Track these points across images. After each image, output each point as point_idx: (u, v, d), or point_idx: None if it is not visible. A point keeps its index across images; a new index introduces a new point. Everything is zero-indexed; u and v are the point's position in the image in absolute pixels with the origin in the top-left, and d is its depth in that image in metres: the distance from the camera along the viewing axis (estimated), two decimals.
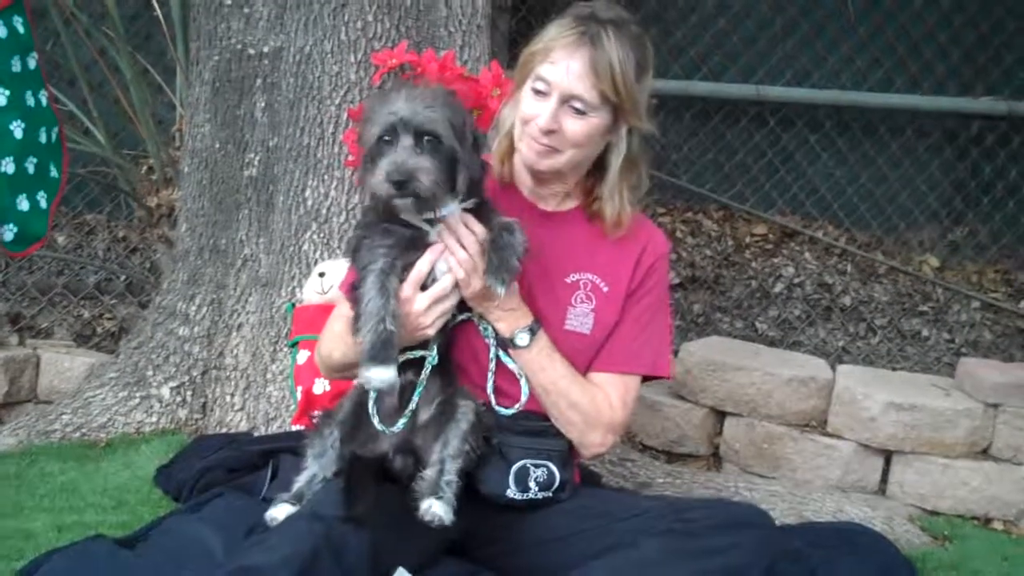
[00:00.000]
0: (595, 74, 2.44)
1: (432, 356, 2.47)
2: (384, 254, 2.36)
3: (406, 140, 2.28)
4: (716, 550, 2.30)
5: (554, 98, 2.46)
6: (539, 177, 2.60)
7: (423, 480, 2.40)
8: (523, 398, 2.53)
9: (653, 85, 2.65)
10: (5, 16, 3.32)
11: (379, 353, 2.29)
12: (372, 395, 2.44)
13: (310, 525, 2.21)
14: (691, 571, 2.27)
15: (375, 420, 2.44)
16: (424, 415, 2.49)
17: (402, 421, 2.44)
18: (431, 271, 2.41)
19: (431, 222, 2.40)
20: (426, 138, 2.30)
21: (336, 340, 2.57)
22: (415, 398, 2.45)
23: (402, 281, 2.39)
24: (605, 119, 2.51)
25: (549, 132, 2.47)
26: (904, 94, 5.60)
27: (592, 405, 2.55)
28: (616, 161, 2.59)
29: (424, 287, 2.42)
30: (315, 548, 2.14)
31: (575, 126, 2.48)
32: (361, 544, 2.23)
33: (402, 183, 2.25)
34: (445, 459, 2.42)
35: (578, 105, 2.46)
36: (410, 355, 2.47)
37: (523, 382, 2.53)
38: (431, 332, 2.44)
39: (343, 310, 2.55)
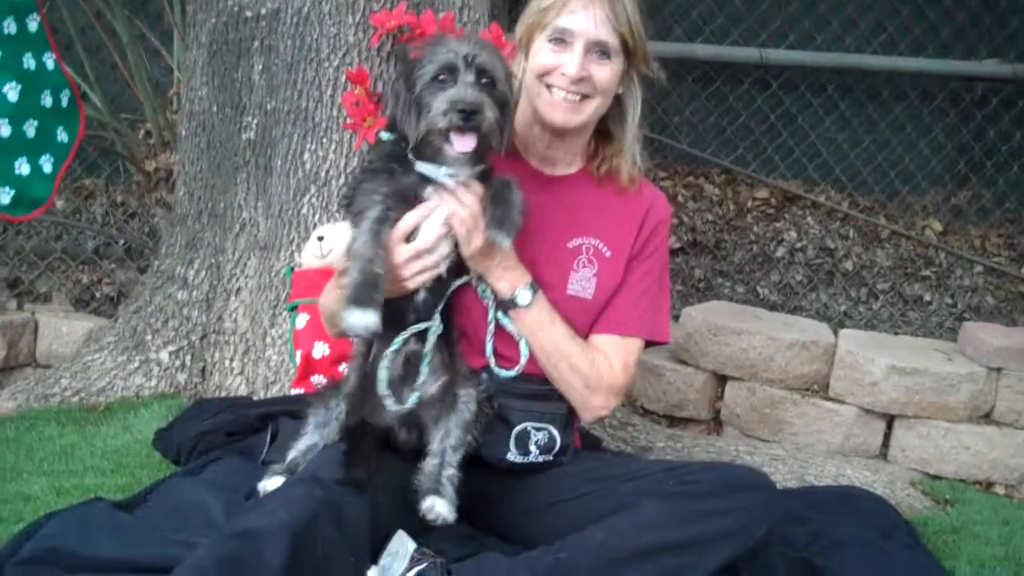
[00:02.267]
0: (615, 18, 2.49)
1: (436, 325, 2.46)
2: (380, 202, 2.35)
3: (468, 76, 2.28)
4: (717, 512, 2.29)
5: (579, 46, 2.48)
6: (560, 133, 2.58)
7: (423, 472, 2.40)
8: (522, 360, 2.52)
9: (655, 48, 2.66)
10: None
11: (363, 294, 2.26)
12: (384, 375, 2.42)
13: (310, 489, 2.20)
14: (691, 533, 2.27)
15: (388, 401, 2.42)
16: (429, 389, 2.47)
17: (413, 397, 2.43)
18: (416, 227, 2.39)
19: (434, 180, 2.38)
20: (484, 79, 2.29)
21: (334, 290, 2.57)
22: (424, 370, 2.44)
23: None
24: (622, 65, 2.55)
25: (579, 80, 2.48)
26: (908, 57, 5.58)
27: (592, 367, 2.54)
28: (634, 106, 2.63)
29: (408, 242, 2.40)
30: (314, 511, 2.13)
31: (602, 72, 2.51)
32: (361, 508, 2.23)
33: (470, 114, 2.23)
34: (446, 450, 2.42)
35: (602, 51, 2.50)
36: (414, 328, 2.45)
37: (522, 344, 2.52)
38: (410, 286, 2.41)
39: None
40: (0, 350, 4.20)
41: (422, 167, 2.37)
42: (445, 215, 2.38)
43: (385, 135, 2.47)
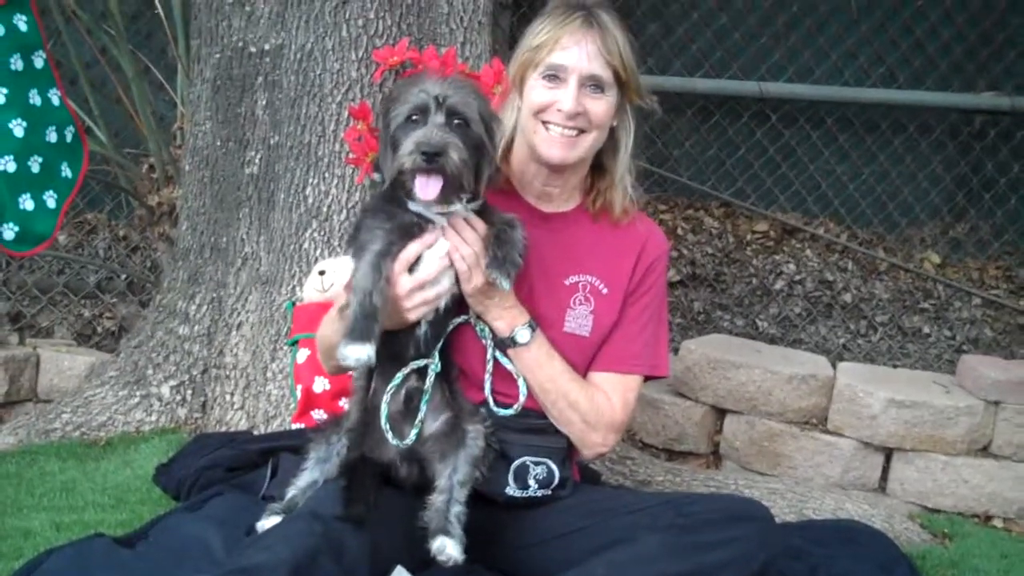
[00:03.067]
0: (607, 52, 2.50)
1: (435, 363, 2.47)
2: (383, 237, 2.36)
3: (438, 118, 2.29)
4: (716, 543, 2.30)
5: (573, 81, 2.49)
6: (557, 170, 2.59)
7: (431, 508, 2.40)
8: (521, 399, 2.52)
9: (655, 82, 2.68)
10: (4, 14, 3.32)
11: (360, 326, 2.27)
12: (384, 410, 2.43)
13: (309, 525, 2.21)
14: (691, 565, 2.27)
15: (389, 435, 2.43)
16: (431, 425, 2.48)
17: (413, 433, 2.43)
18: (419, 259, 2.40)
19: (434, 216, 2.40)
20: (456, 120, 2.31)
21: (331, 322, 2.58)
22: (423, 407, 2.45)
23: None
24: (616, 97, 2.56)
25: (575, 115, 2.50)
26: (907, 90, 5.61)
27: (591, 405, 2.55)
28: (627, 138, 2.64)
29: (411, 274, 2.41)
30: (314, 547, 2.13)
31: (597, 106, 2.52)
32: (360, 543, 2.23)
33: (433, 155, 2.24)
34: (454, 486, 2.41)
35: (596, 85, 2.51)
36: (414, 365, 2.46)
37: (521, 383, 2.53)
38: (411, 317, 2.42)
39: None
40: (2, 385, 4.21)
41: (415, 206, 2.39)
42: (447, 248, 2.39)
43: (375, 176, 2.49)
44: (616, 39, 2.51)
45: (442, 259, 2.39)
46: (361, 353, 2.27)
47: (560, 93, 2.50)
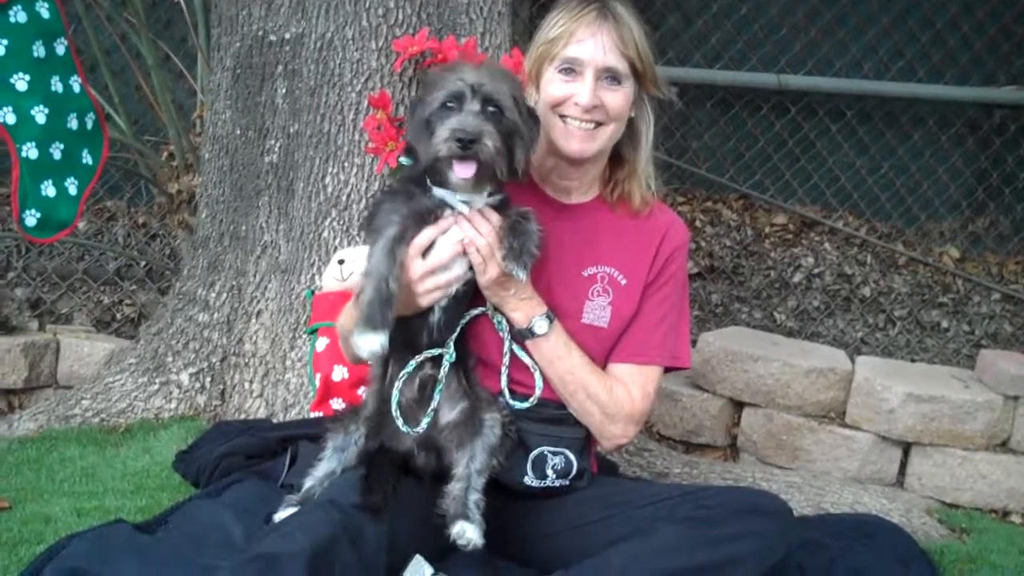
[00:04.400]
0: (623, 44, 2.49)
1: (450, 353, 2.47)
2: (398, 221, 2.35)
3: (473, 105, 2.29)
4: (733, 536, 2.29)
5: (589, 74, 2.49)
6: (575, 162, 2.58)
7: (449, 496, 2.40)
8: (537, 391, 2.52)
9: (674, 74, 2.67)
10: (27, 1, 3.33)
11: (375, 313, 2.27)
12: (396, 397, 2.44)
13: (328, 513, 2.21)
14: (708, 557, 2.27)
15: (399, 421, 2.43)
16: (447, 414, 2.48)
17: (425, 421, 2.43)
18: (432, 244, 2.40)
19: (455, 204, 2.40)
20: (491, 107, 2.31)
21: (350, 312, 2.57)
22: (436, 396, 2.45)
23: None
24: (633, 88, 2.55)
25: (592, 108, 2.49)
26: (927, 84, 5.58)
27: (611, 396, 2.54)
28: (647, 129, 2.64)
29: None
30: (332, 535, 2.13)
31: (614, 98, 2.52)
32: (378, 532, 2.23)
33: (468, 142, 2.24)
34: (472, 474, 2.41)
35: (612, 77, 2.51)
36: (428, 353, 2.46)
37: (537, 375, 2.53)
38: (423, 303, 2.41)
39: None
40: (22, 371, 4.23)
41: (438, 192, 2.39)
42: (461, 235, 2.39)
43: (403, 159, 2.48)
44: (631, 30, 2.51)
45: (455, 245, 2.38)
46: (374, 344, 2.27)
47: (577, 86, 2.50)
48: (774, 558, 2.34)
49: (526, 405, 2.52)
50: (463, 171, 2.28)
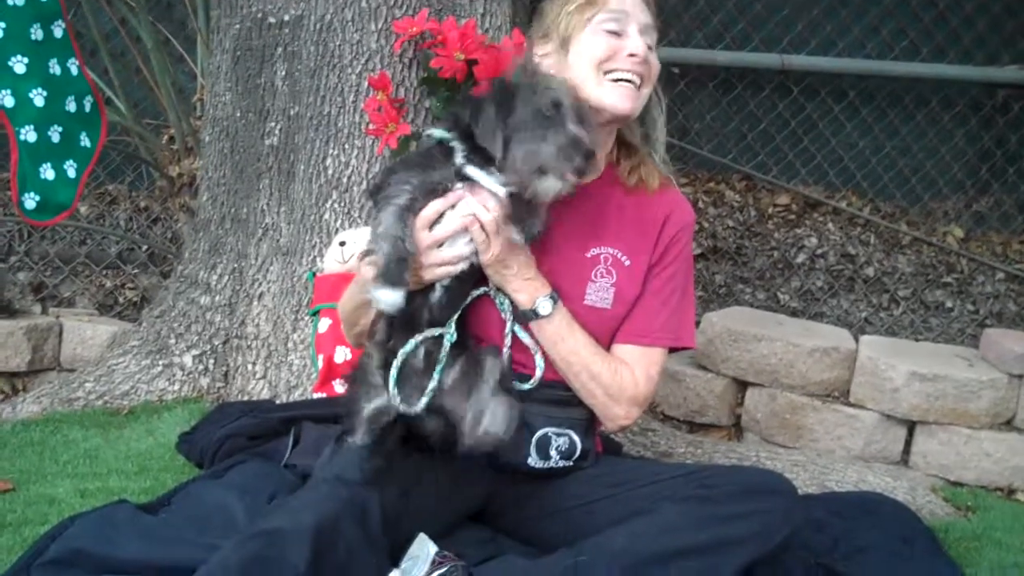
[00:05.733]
0: (648, 4, 2.51)
1: (451, 334, 2.45)
2: (408, 192, 2.33)
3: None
4: (738, 516, 2.28)
5: (633, 27, 2.46)
6: (612, 124, 2.55)
7: (465, 420, 2.38)
8: (538, 372, 2.50)
9: (676, 54, 2.66)
10: None
11: (392, 271, 2.26)
12: (394, 375, 2.39)
13: (334, 489, 2.21)
14: (713, 537, 2.26)
15: (396, 401, 2.39)
16: (449, 379, 2.46)
17: (424, 400, 2.39)
18: (440, 219, 2.37)
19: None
20: None
21: (353, 290, 2.57)
22: (436, 375, 2.41)
23: None
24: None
25: (643, 61, 2.46)
26: (930, 63, 5.57)
27: (614, 378, 2.52)
28: (659, 112, 2.62)
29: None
30: (338, 512, 2.14)
31: (653, 57, 2.50)
32: (384, 509, 2.24)
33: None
34: (484, 398, 2.40)
35: (649, 40, 2.48)
36: (429, 332, 2.44)
37: (538, 357, 2.51)
38: (425, 276, 2.38)
39: None
40: (25, 354, 4.23)
41: (473, 171, 2.35)
42: (468, 209, 2.35)
43: (439, 133, 2.44)
44: None
45: (463, 218, 2.36)
46: (394, 297, 2.26)
47: (624, 41, 2.45)
48: (779, 537, 2.33)
49: (528, 386, 2.50)
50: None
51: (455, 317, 2.45)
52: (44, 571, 2.34)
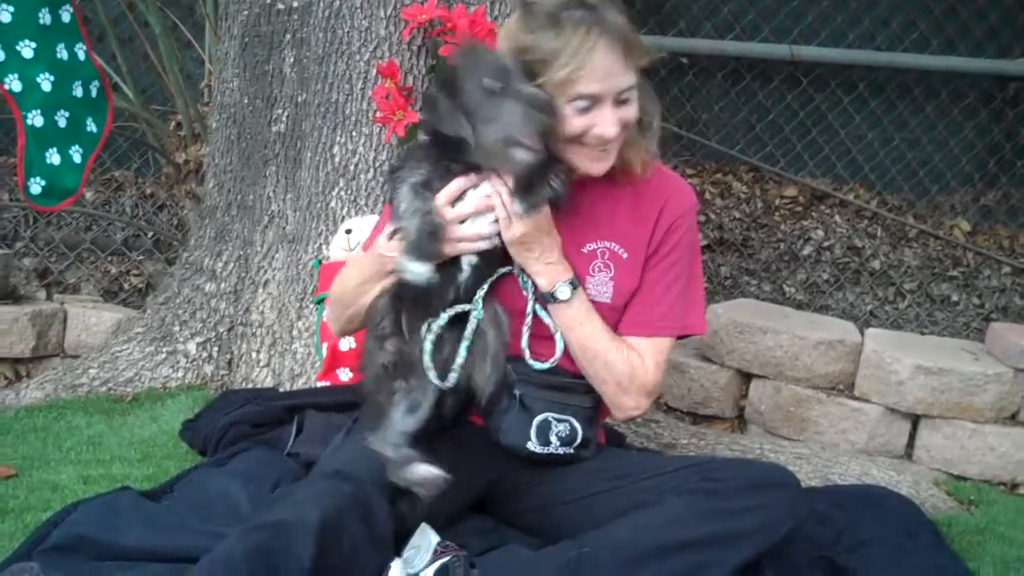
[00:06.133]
0: (626, 58, 2.37)
1: (478, 311, 2.45)
2: (424, 173, 2.34)
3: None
4: (742, 509, 2.28)
5: (608, 103, 2.38)
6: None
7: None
8: (557, 353, 2.49)
9: (684, 44, 2.61)
10: None
11: (424, 244, 2.27)
12: (428, 348, 2.40)
13: (337, 484, 2.21)
14: (717, 530, 2.26)
15: (431, 375, 2.39)
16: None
17: (453, 376, 2.40)
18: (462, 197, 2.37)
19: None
20: None
21: (349, 267, 2.57)
22: (462, 352, 2.41)
23: None
24: (635, 79, 2.46)
25: (616, 135, 2.41)
26: (940, 56, 5.54)
27: (627, 366, 2.51)
28: (652, 110, 2.56)
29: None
30: (342, 507, 2.14)
31: (629, 111, 2.43)
32: (387, 502, 2.24)
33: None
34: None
35: (626, 95, 2.41)
36: (458, 308, 2.44)
37: (558, 337, 2.50)
38: (446, 250, 2.36)
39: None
40: (29, 340, 4.23)
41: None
42: (490, 190, 2.34)
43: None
44: (625, 34, 2.38)
45: (485, 198, 2.35)
46: (423, 268, 2.28)
47: (596, 116, 2.38)
48: (783, 531, 2.33)
49: (545, 367, 2.49)
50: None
51: (482, 295, 2.45)
52: (46, 557, 2.34)
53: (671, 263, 2.60)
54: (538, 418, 2.50)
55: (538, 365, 2.49)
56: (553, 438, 2.51)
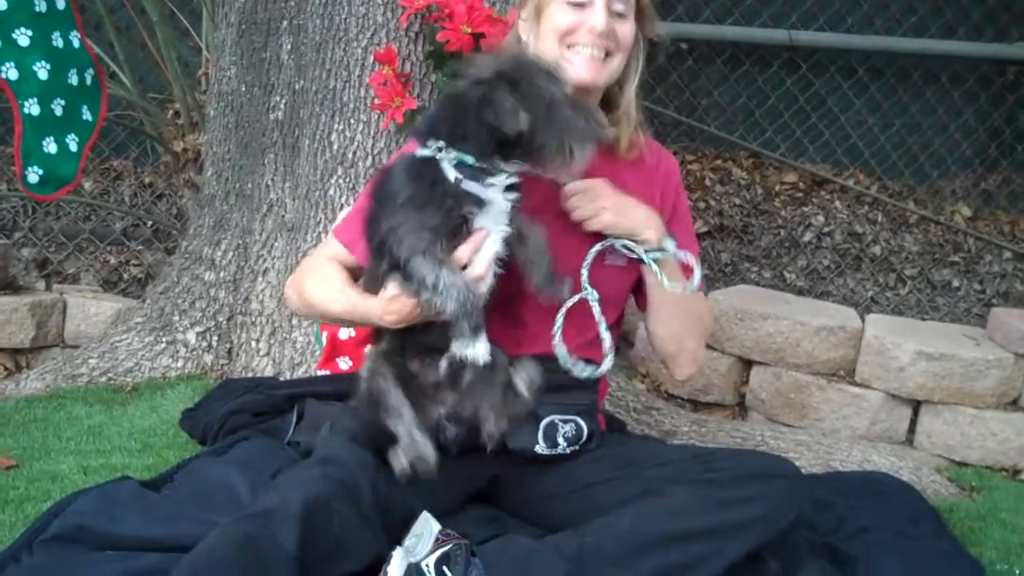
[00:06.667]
0: None
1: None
2: (430, 238, 2.22)
3: None
4: (744, 500, 2.29)
5: (599, 2, 2.43)
6: (578, 92, 2.52)
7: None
8: (607, 347, 2.46)
9: (683, 29, 2.63)
10: None
11: (477, 320, 2.21)
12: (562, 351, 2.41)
13: (322, 470, 2.22)
14: (719, 520, 2.26)
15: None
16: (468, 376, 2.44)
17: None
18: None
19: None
20: None
21: (337, 292, 2.51)
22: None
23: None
24: (635, 26, 2.52)
25: (606, 34, 2.44)
26: (939, 40, 5.53)
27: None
28: (636, 67, 2.58)
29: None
30: (328, 491, 2.14)
31: (624, 28, 2.48)
32: (377, 490, 2.24)
33: None
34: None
35: (619, 8, 2.46)
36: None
37: (606, 335, 2.46)
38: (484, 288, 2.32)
39: (330, 251, 2.60)
40: (29, 330, 4.22)
41: (472, 187, 2.26)
42: (495, 251, 2.30)
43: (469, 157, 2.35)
44: None
45: (489, 263, 2.29)
46: (485, 344, 2.23)
47: (588, 15, 2.44)
48: (784, 521, 2.34)
49: (599, 372, 2.47)
50: None
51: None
52: (46, 547, 2.34)
53: (687, 222, 2.72)
54: (544, 421, 2.49)
55: (593, 372, 2.47)
56: (560, 439, 2.51)
